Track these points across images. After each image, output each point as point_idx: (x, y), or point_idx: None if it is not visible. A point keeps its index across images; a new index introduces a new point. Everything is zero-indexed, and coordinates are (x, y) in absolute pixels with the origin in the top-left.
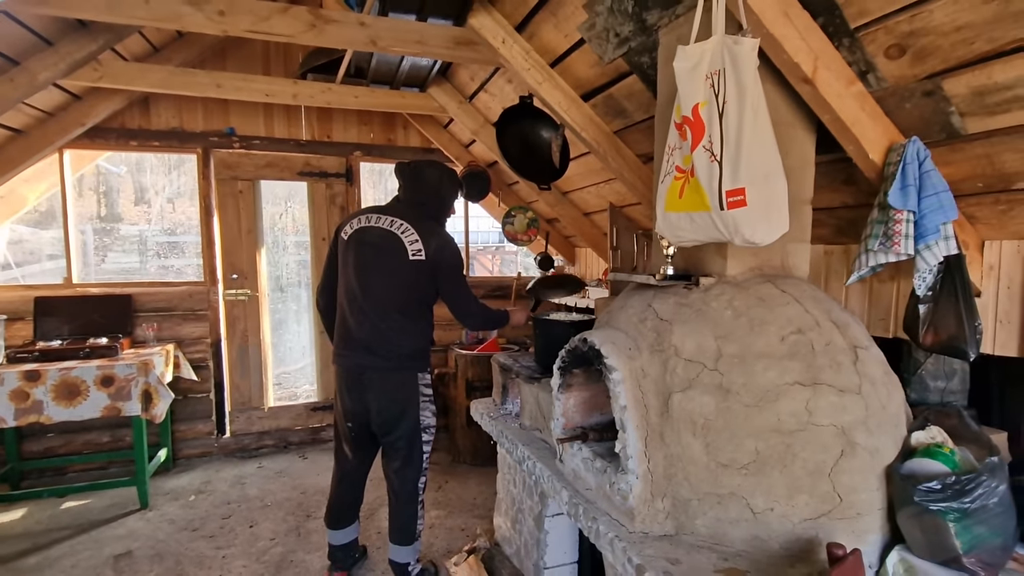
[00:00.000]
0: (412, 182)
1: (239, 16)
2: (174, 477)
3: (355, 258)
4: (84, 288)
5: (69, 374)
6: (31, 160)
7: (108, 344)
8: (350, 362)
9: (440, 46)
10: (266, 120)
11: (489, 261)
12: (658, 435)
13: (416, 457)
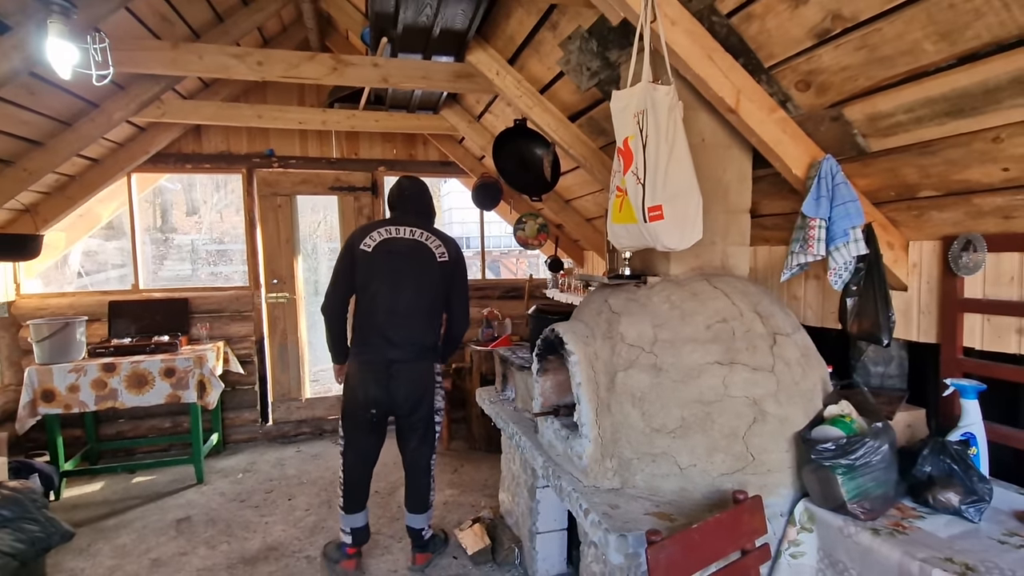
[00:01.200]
0: (418, 197)
1: (274, 65)
2: (224, 458)
3: (386, 266)
4: (148, 293)
5: (139, 366)
6: (105, 184)
7: (169, 341)
8: (380, 357)
9: (443, 80)
10: (301, 142)
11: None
12: (606, 406)
13: (430, 436)
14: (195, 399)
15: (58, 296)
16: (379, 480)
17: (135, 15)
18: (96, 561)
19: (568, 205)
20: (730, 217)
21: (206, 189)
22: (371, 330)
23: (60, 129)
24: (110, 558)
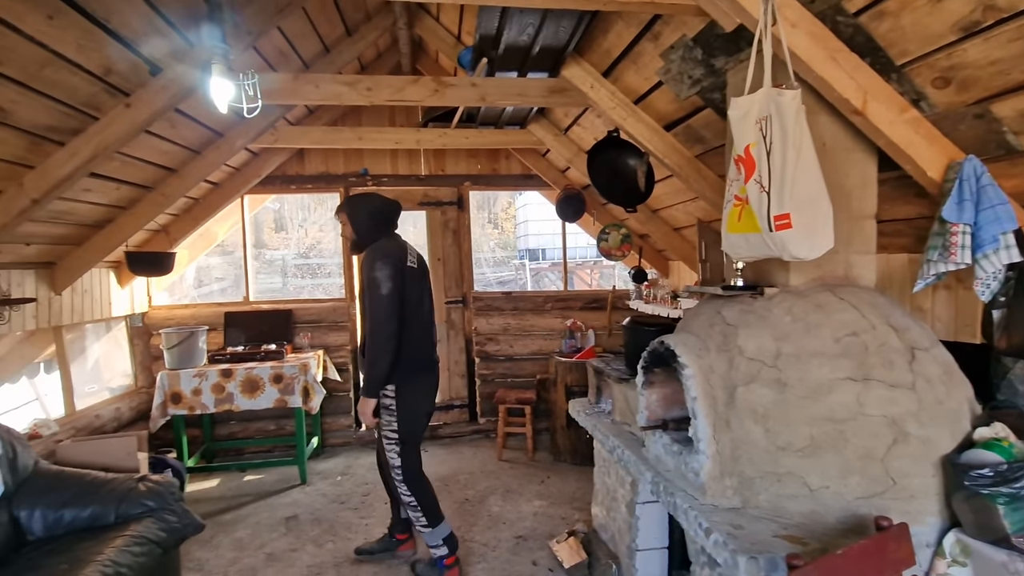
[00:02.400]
0: (396, 216)
1: (382, 90)
2: (323, 461)
3: (422, 285)
4: (257, 305)
5: (251, 372)
6: (224, 205)
7: (276, 349)
8: (432, 365)
9: (538, 95)
10: (392, 161)
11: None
12: (724, 422)
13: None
14: (300, 404)
15: (182, 308)
16: (468, 488)
17: (259, 52)
18: (218, 553)
19: (656, 215)
20: (853, 224)
21: (292, 208)
22: (425, 343)
23: (191, 157)
24: (230, 550)
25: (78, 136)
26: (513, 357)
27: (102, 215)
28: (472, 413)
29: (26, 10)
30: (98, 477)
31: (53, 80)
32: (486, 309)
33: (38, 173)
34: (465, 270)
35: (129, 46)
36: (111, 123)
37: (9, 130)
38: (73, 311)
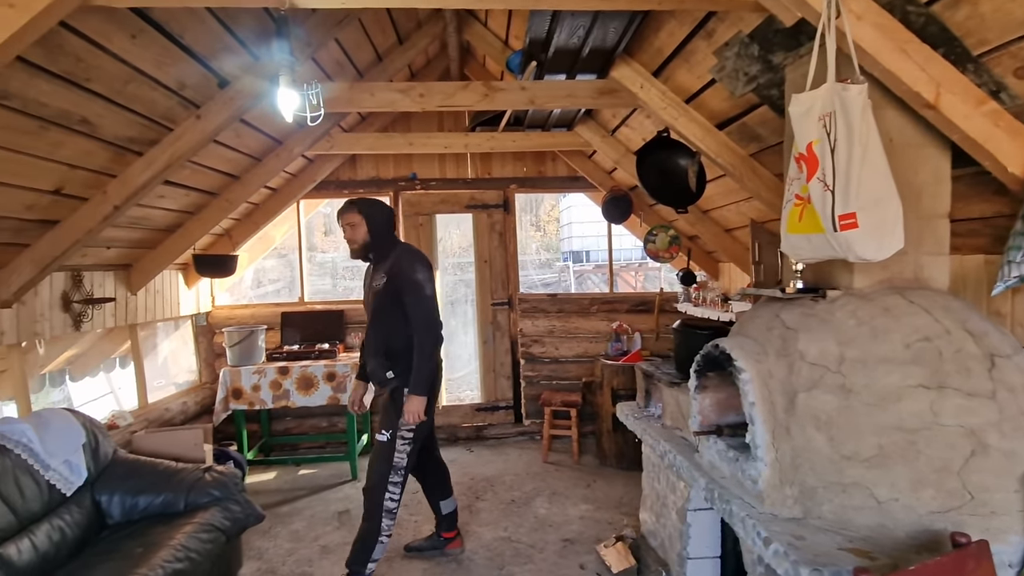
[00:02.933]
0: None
1: (433, 96)
2: None
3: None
4: (311, 305)
5: (306, 370)
6: (282, 210)
7: (329, 348)
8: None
9: (586, 97)
10: (440, 164)
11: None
12: (784, 429)
13: None
14: None
15: (242, 308)
16: (514, 489)
17: (317, 63)
18: (276, 543)
19: (706, 216)
20: (924, 223)
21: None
22: (439, 342)
23: (253, 164)
24: (287, 541)
25: (155, 146)
26: (558, 359)
27: (173, 220)
28: (517, 415)
29: (113, 30)
30: (169, 466)
31: (135, 95)
32: (531, 311)
33: (119, 181)
34: (511, 272)
35: (201, 61)
36: (184, 134)
37: (96, 142)
38: (147, 310)
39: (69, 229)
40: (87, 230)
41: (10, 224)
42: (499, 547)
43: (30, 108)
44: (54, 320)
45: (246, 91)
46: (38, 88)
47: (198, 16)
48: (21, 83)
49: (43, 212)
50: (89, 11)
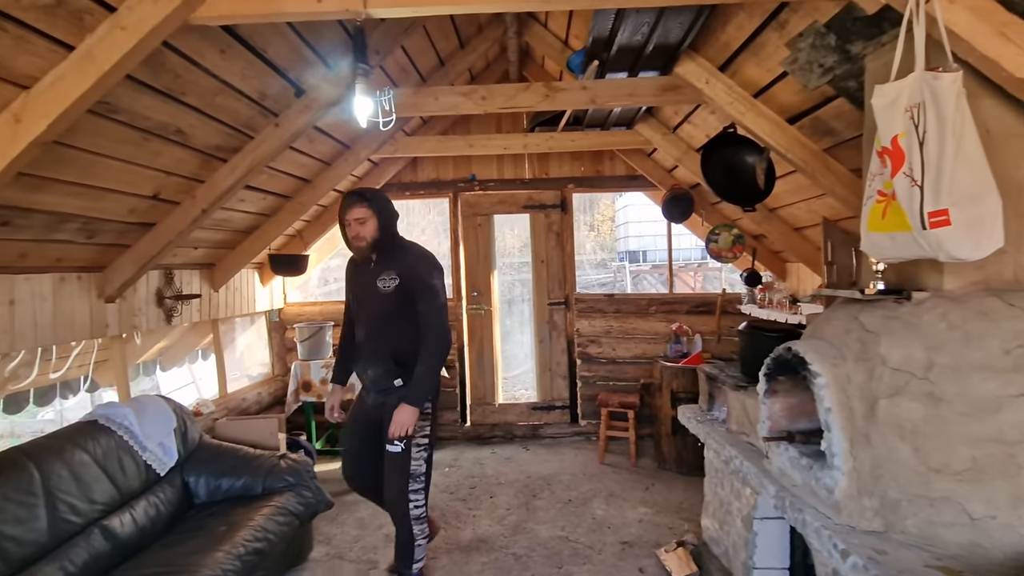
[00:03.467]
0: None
1: (495, 98)
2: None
3: None
4: None
5: None
6: None
7: None
8: None
9: (649, 95)
10: (498, 165)
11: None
12: (864, 437)
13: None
14: None
15: (311, 305)
16: (571, 489)
17: (383, 69)
18: (343, 530)
19: (773, 214)
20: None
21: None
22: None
23: (323, 168)
24: (353, 528)
25: (237, 153)
26: (615, 360)
27: (252, 222)
28: (573, 415)
29: (206, 47)
30: (248, 452)
31: (222, 106)
32: (588, 311)
33: (207, 186)
34: (568, 272)
35: (281, 72)
36: (263, 141)
37: (188, 150)
38: (227, 306)
39: (164, 231)
40: (179, 231)
41: (115, 227)
42: (557, 546)
43: (136, 121)
44: (149, 314)
45: (320, 99)
46: (142, 103)
47: (279, 30)
48: (129, 99)
49: (142, 215)
50: (187, 30)
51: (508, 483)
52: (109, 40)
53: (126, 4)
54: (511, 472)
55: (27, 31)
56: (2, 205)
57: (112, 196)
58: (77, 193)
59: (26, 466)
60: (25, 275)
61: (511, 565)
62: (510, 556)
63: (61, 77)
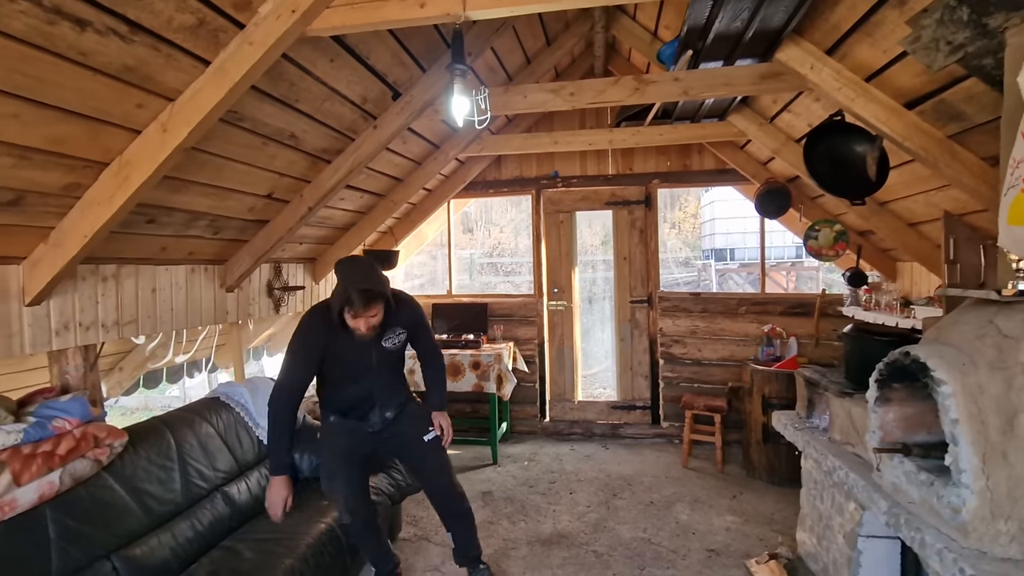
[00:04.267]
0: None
1: (584, 94)
2: (511, 445)
3: None
4: (458, 298)
5: (455, 358)
6: (435, 209)
7: (475, 339)
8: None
9: (746, 84)
10: (581, 162)
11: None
12: (999, 453)
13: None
14: (494, 390)
15: None
16: (653, 491)
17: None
18: (429, 514)
19: (884, 208)
20: None
21: (477, 211)
22: None
23: (414, 168)
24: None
25: (340, 155)
26: (701, 361)
27: (349, 219)
28: (654, 416)
29: (317, 57)
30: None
31: (329, 111)
32: (672, 310)
33: (313, 186)
34: (651, 269)
35: (380, 77)
36: (363, 143)
37: (299, 153)
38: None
39: (276, 227)
40: (288, 228)
41: (236, 224)
42: (638, 547)
43: (257, 128)
44: (261, 304)
45: (415, 101)
46: (264, 111)
47: (380, 37)
48: (253, 107)
49: (259, 213)
50: (302, 41)
51: (587, 480)
52: (239, 54)
53: (253, 21)
54: (590, 470)
55: (175, 50)
56: (150, 205)
57: (235, 196)
58: (208, 193)
59: (165, 435)
60: (165, 266)
61: (592, 562)
62: (591, 553)
63: (200, 89)
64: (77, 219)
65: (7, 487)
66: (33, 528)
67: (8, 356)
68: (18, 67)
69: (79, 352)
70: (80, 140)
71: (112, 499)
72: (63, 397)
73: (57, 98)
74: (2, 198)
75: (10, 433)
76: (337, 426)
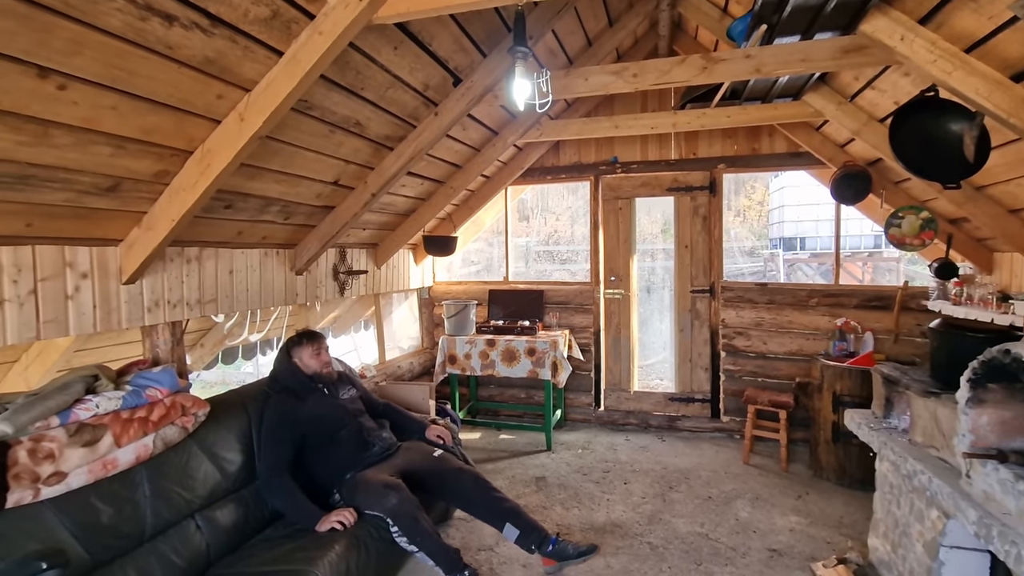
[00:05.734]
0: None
1: (647, 75)
2: (565, 433)
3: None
4: (514, 284)
5: (510, 344)
6: (493, 196)
7: (529, 325)
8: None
9: (826, 59)
10: (642, 147)
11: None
12: None
13: None
14: (549, 377)
15: (456, 284)
16: (711, 486)
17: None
18: None
19: (980, 193)
20: None
21: (533, 199)
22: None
23: (473, 154)
24: None
25: (402, 142)
26: (766, 355)
27: (410, 206)
28: (714, 409)
29: (382, 45)
30: (405, 413)
31: (392, 99)
32: (736, 300)
33: (376, 173)
34: (714, 258)
35: (442, 64)
36: (424, 130)
37: (363, 140)
38: (386, 282)
39: (341, 213)
40: (353, 213)
41: (305, 210)
42: (696, 542)
43: (325, 116)
44: (327, 287)
45: (475, 87)
46: (331, 99)
47: (442, 23)
48: (321, 96)
49: (326, 199)
50: (368, 29)
51: (643, 472)
52: (310, 44)
53: (323, 11)
54: (646, 461)
55: (251, 41)
56: (228, 191)
57: (305, 182)
58: (280, 180)
59: (241, 407)
60: (241, 250)
61: (647, 554)
62: (645, 545)
63: (274, 79)
64: (166, 204)
65: (109, 447)
66: (131, 486)
67: (108, 329)
68: (115, 62)
69: (167, 328)
70: (168, 130)
71: (196, 464)
72: (155, 368)
73: (148, 90)
74: (102, 184)
75: (112, 399)
76: (365, 477)
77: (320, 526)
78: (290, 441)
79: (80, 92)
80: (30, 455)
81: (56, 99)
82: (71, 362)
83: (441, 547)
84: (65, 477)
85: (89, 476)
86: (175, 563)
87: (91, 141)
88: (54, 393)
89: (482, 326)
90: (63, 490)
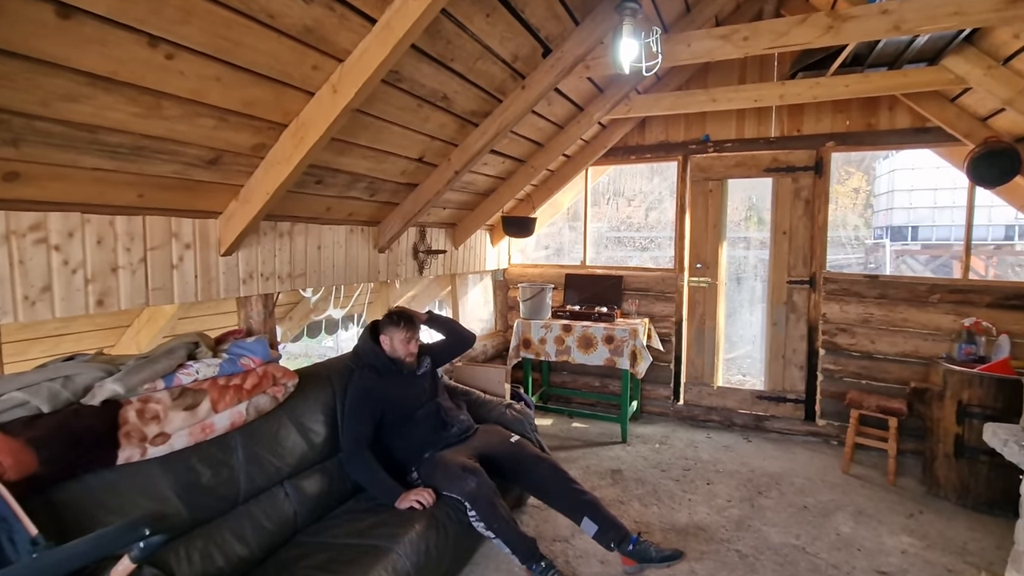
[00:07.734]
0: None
1: (760, 38)
2: (641, 425)
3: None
4: (592, 269)
5: (587, 330)
6: (574, 176)
7: (608, 312)
8: None
9: (984, 11)
10: (737, 123)
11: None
12: None
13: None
14: (627, 366)
15: (533, 267)
16: (806, 494)
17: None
18: None
19: None
20: None
21: (604, 184)
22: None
23: (556, 132)
24: None
25: (487, 117)
26: (873, 355)
27: (490, 185)
28: (809, 411)
29: (474, 12)
30: (480, 396)
31: (480, 71)
32: (840, 293)
33: (460, 150)
34: (816, 246)
35: (533, 32)
36: (511, 104)
37: (449, 115)
38: (463, 263)
39: (424, 191)
40: (435, 192)
41: (390, 187)
42: (790, 555)
43: (414, 89)
44: (407, 265)
45: (566, 57)
46: (420, 71)
47: None
48: (411, 67)
49: (410, 177)
50: None
51: (727, 473)
52: (403, 10)
53: None
54: (730, 462)
55: (347, 8)
56: (319, 166)
57: (391, 159)
58: (368, 156)
59: (327, 380)
60: (329, 226)
61: (735, 562)
62: (733, 552)
63: (367, 49)
64: (262, 177)
65: (208, 412)
66: (227, 450)
67: (208, 299)
68: (221, 31)
69: (260, 300)
70: (267, 102)
71: (285, 433)
72: (249, 338)
73: (249, 61)
74: (205, 157)
75: (210, 366)
76: (440, 455)
77: (400, 503)
78: (370, 418)
79: (187, 62)
80: (139, 415)
81: (166, 69)
82: (176, 329)
83: (518, 535)
84: (169, 438)
85: (190, 439)
86: (265, 527)
87: (197, 113)
88: (161, 357)
89: (558, 311)
90: (167, 451)
